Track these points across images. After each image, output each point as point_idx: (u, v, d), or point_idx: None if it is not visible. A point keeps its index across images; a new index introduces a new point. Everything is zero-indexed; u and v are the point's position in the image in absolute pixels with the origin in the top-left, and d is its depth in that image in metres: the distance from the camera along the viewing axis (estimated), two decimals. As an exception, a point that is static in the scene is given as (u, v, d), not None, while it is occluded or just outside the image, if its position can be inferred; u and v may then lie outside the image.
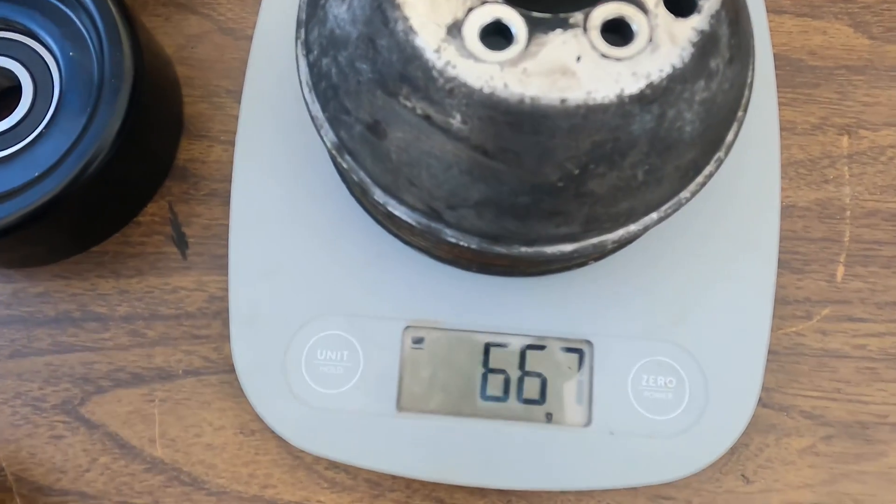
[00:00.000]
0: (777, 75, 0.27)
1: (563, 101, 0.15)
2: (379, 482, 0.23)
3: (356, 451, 0.22)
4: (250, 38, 0.26)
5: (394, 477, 0.23)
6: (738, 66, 0.18)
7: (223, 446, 0.23)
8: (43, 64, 0.23)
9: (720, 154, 0.19)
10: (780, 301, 0.25)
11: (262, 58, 0.25)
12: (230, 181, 0.24)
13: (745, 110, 0.20)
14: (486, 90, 0.15)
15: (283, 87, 0.24)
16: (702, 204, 0.23)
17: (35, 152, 0.22)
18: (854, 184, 0.26)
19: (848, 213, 0.26)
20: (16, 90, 0.24)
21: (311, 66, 0.19)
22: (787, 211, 0.25)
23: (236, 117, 0.25)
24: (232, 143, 0.25)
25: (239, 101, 0.25)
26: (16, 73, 0.23)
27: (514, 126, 0.16)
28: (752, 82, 0.20)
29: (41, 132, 0.22)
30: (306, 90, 0.20)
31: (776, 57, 0.27)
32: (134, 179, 0.24)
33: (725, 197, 0.23)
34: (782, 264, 0.25)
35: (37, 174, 0.22)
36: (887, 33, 0.27)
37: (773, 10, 0.27)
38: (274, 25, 0.25)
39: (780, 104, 0.26)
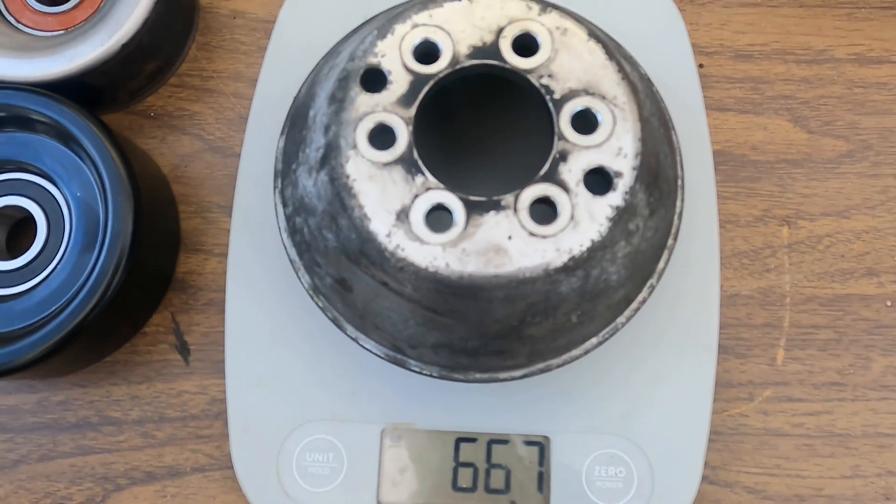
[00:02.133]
0: (721, 170, 0.29)
1: (496, 276, 0.18)
2: (365, 565, 0.26)
3: (343, 542, 0.24)
4: (237, 156, 0.28)
5: (377, 562, 0.25)
6: (661, 212, 0.21)
7: (228, 536, 0.26)
8: (55, 202, 0.26)
9: (652, 281, 0.22)
10: (725, 385, 0.27)
11: (249, 177, 0.27)
12: (224, 291, 0.27)
13: (676, 237, 0.22)
14: (431, 269, 0.18)
15: (268, 206, 0.27)
16: (645, 307, 0.25)
17: (51, 286, 0.25)
18: (794, 272, 0.28)
19: (788, 299, 0.28)
20: (26, 222, 0.27)
21: (287, 218, 0.22)
22: (731, 300, 0.28)
23: (227, 231, 0.28)
24: (225, 256, 0.28)
25: (229, 216, 0.28)
26: (31, 210, 0.26)
27: (457, 295, 0.18)
28: (681, 211, 0.22)
29: (55, 267, 0.25)
30: (285, 236, 0.22)
31: (720, 153, 0.29)
32: (141, 298, 0.27)
33: (668, 297, 0.25)
34: (727, 350, 0.27)
35: (55, 307, 0.24)
36: (824, 127, 0.29)
37: (717, 108, 0.29)
38: (259, 145, 0.27)
39: (724, 198, 0.29)
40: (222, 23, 0.30)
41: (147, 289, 0.27)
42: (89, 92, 0.27)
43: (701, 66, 0.29)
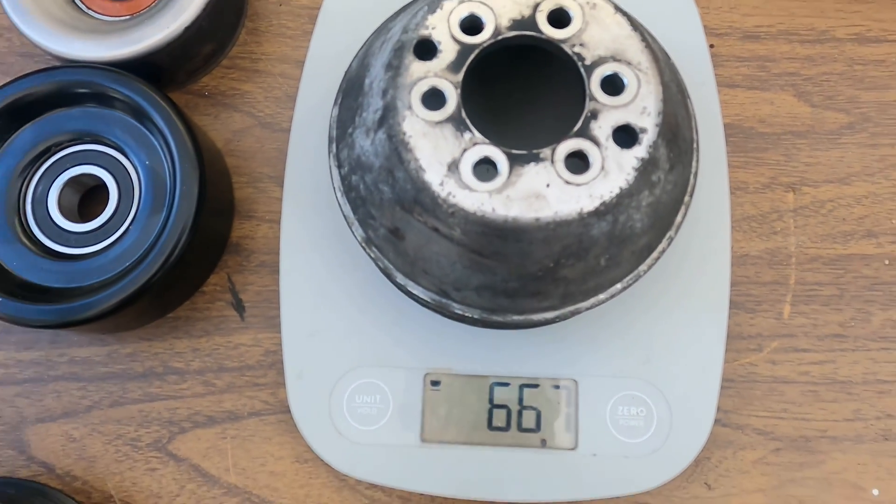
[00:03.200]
0: (731, 142, 0.31)
1: (537, 219, 0.20)
2: (409, 499, 0.28)
3: (389, 475, 0.27)
4: (286, 131, 0.31)
5: (420, 495, 0.28)
6: (679, 169, 0.23)
7: (283, 473, 0.28)
8: (125, 171, 0.28)
9: (671, 233, 0.24)
10: (736, 337, 0.29)
11: (299, 148, 0.30)
12: (276, 253, 0.29)
13: (692, 195, 0.25)
14: (479, 213, 0.20)
15: (317, 174, 0.29)
16: (663, 262, 0.27)
17: (123, 246, 0.27)
18: (798, 234, 0.30)
19: (793, 259, 0.30)
20: (99, 190, 0.29)
21: (342, 178, 0.24)
22: (741, 259, 0.30)
23: (278, 199, 0.31)
24: (275, 222, 0.31)
25: (279, 185, 0.31)
26: (103, 178, 0.28)
27: (501, 237, 0.21)
28: (696, 171, 0.25)
29: (127, 229, 0.28)
30: (339, 194, 0.25)
31: (731, 126, 0.31)
32: (201, 259, 0.29)
33: (684, 256, 0.28)
34: (737, 305, 0.30)
35: (127, 265, 0.27)
36: (826, 101, 0.31)
37: (727, 84, 0.31)
38: (307, 120, 0.30)
39: (734, 167, 0.31)
40: (270, 10, 0.33)
41: (207, 250, 0.29)
42: (153, 71, 0.30)
43: (712, 46, 0.32)
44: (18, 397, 0.29)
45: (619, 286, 0.24)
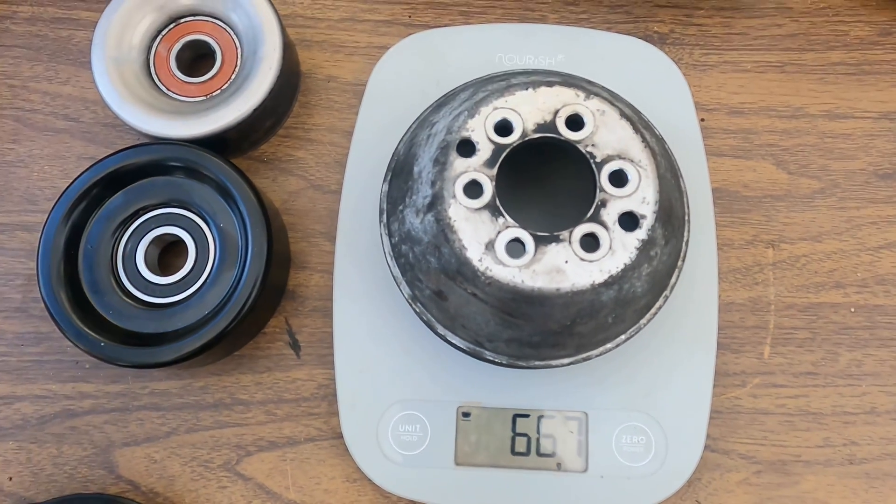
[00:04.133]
0: (719, 204, 0.36)
1: (557, 289, 0.25)
2: (443, 513, 0.33)
3: (428, 493, 0.31)
4: (335, 192, 0.36)
5: (454, 509, 0.32)
6: (673, 242, 0.28)
7: (335, 491, 0.33)
8: (202, 232, 0.33)
9: (666, 293, 0.29)
10: (723, 374, 0.34)
11: (349, 208, 0.34)
12: (327, 300, 0.34)
13: (684, 259, 0.29)
14: (511, 284, 0.25)
15: (364, 232, 0.34)
16: (662, 311, 0.32)
17: (202, 297, 0.32)
18: (777, 285, 0.35)
19: (772, 307, 0.35)
20: (175, 245, 0.34)
21: (392, 245, 0.29)
22: (727, 306, 0.35)
23: (328, 252, 0.35)
24: (326, 272, 0.35)
25: (329, 240, 0.35)
26: (183, 237, 0.33)
27: (528, 302, 0.26)
28: (688, 239, 0.30)
29: (204, 282, 0.32)
30: (389, 259, 0.29)
31: (718, 190, 0.36)
32: (267, 307, 0.34)
33: (678, 305, 0.33)
34: (724, 346, 0.34)
35: (206, 314, 0.32)
36: (801, 169, 0.36)
37: (715, 153, 0.36)
38: (356, 184, 0.34)
39: (721, 226, 0.36)
40: (319, 86, 0.38)
41: (271, 299, 0.34)
42: (224, 144, 0.35)
43: (703, 120, 0.37)
44: (107, 424, 0.34)
45: (623, 337, 0.29)
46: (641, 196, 0.26)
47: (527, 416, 0.32)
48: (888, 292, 0.35)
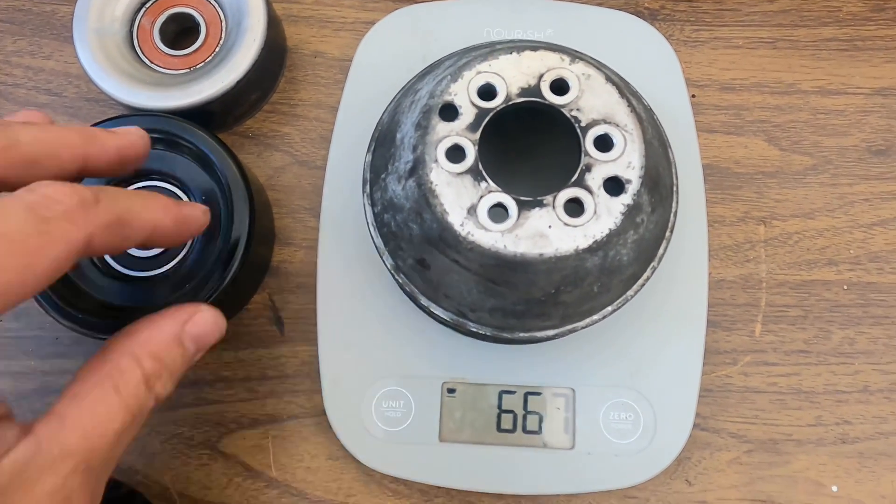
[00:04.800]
0: (710, 180, 0.36)
1: (541, 255, 0.24)
2: (427, 491, 0.32)
3: (411, 470, 0.31)
4: (320, 168, 0.35)
5: (437, 487, 0.32)
6: (660, 210, 0.27)
7: (318, 468, 0.32)
8: None
9: (654, 264, 0.28)
10: (713, 352, 0.33)
11: (333, 183, 0.34)
12: (312, 276, 0.33)
13: (672, 230, 0.29)
14: (493, 249, 0.25)
15: (349, 207, 0.33)
16: (649, 286, 0.32)
17: (183, 271, 0.31)
18: (768, 262, 0.34)
19: (764, 284, 0.34)
20: None
21: (375, 215, 0.29)
22: (717, 284, 0.34)
23: (313, 228, 0.35)
24: (311, 248, 0.35)
25: (314, 216, 0.35)
26: None
27: (511, 268, 0.25)
28: (676, 210, 0.29)
29: (186, 254, 0.32)
30: (372, 229, 0.29)
31: (709, 166, 0.36)
32: (249, 281, 0.33)
33: (669, 282, 0.32)
34: (714, 324, 0.34)
35: (187, 287, 0.31)
36: (793, 145, 0.36)
37: (706, 130, 0.36)
38: (340, 160, 0.34)
39: (712, 203, 0.35)
40: (306, 61, 0.37)
41: (253, 273, 0.34)
42: (207, 117, 0.34)
43: (693, 96, 0.36)
44: (86, 401, 0.33)
45: (609, 308, 0.28)
46: (627, 161, 0.25)
47: (513, 392, 0.31)
48: (881, 269, 0.34)
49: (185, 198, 0.33)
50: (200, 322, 0.24)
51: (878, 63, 0.36)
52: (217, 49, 0.34)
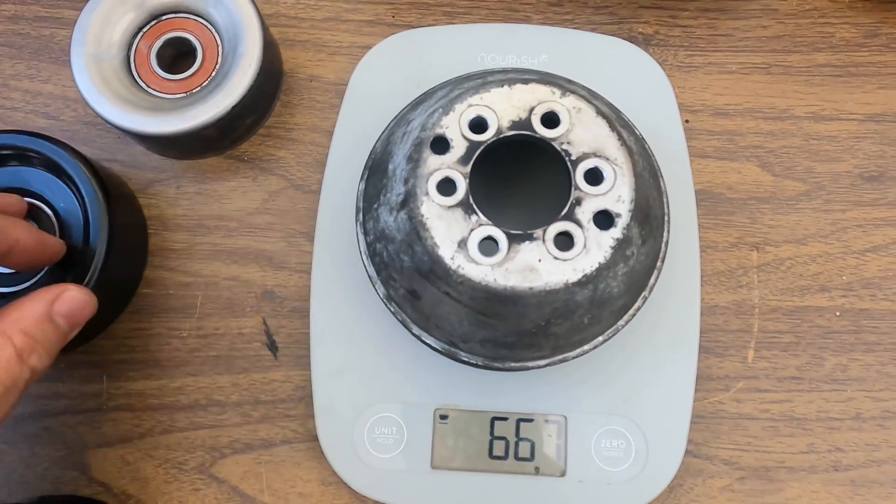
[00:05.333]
0: (703, 206, 0.36)
1: (531, 288, 0.25)
2: (420, 517, 0.32)
3: (403, 497, 0.31)
4: (315, 192, 0.35)
5: (430, 514, 0.32)
6: (651, 242, 0.27)
7: (310, 494, 0.32)
8: (47, 216, 0.32)
9: (645, 293, 0.29)
10: (706, 378, 0.33)
11: (328, 208, 0.34)
12: (306, 300, 0.34)
13: (664, 260, 0.29)
14: (483, 283, 0.25)
15: (343, 233, 0.34)
16: (641, 312, 0.32)
17: (45, 281, 0.31)
18: (761, 288, 0.34)
19: (756, 310, 0.34)
20: None
21: (368, 244, 0.29)
22: (710, 310, 0.34)
23: (308, 252, 0.35)
24: (305, 272, 0.35)
25: (309, 241, 0.35)
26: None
27: (502, 302, 0.25)
28: (667, 240, 0.29)
29: (43, 273, 0.32)
30: (364, 258, 0.29)
31: (702, 192, 0.36)
32: (112, 290, 0.33)
33: (661, 308, 0.32)
34: (707, 350, 0.34)
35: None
36: (786, 171, 0.36)
37: (699, 155, 0.36)
38: (335, 184, 0.34)
39: (705, 228, 0.35)
40: (302, 85, 0.37)
41: (125, 267, 0.34)
42: (203, 140, 0.34)
43: (687, 121, 0.36)
44: (80, 425, 0.33)
45: (600, 339, 0.28)
46: (617, 194, 0.25)
47: (505, 419, 0.31)
48: (874, 296, 0.34)
49: (45, 208, 0.33)
50: (68, 299, 0.27)
51: (871, 89, 0.36)
52: (213, 73, 0.35)
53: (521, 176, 0.31)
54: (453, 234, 0.25)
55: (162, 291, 0.35)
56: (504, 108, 0.26)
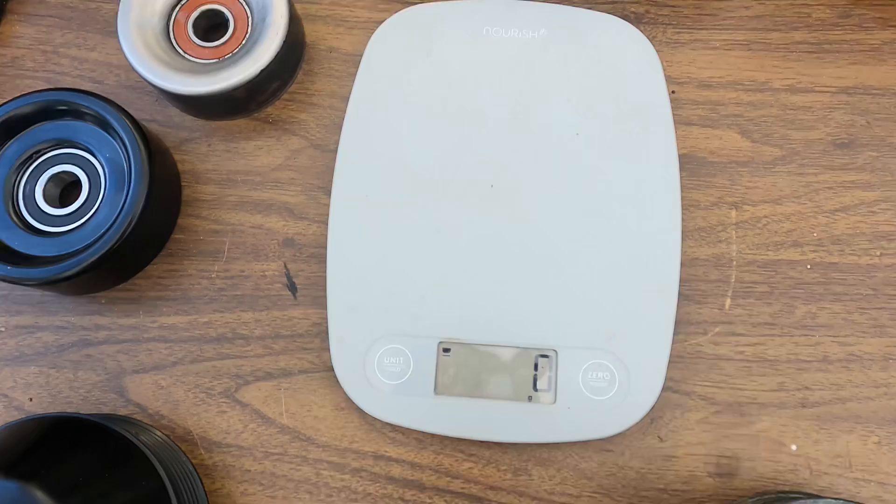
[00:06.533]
0: (687, 168, 0.39)
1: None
2: (423, 439, 0.35)
3: (409, 419, 0.34)
4: (333, 151, 0.39)
5: (433, 435, 0.35)
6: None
7: (325, 417, 0.36)
8: (93, 166, 0.36)
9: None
10: (685, 322, 0.36)
11: (344, 164, 0.38)
12: (322, 247, 0.37)
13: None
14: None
15: (357, 186, 0.37)
16: (628, 262, 0.35)
17: (97, 220, 0.35)
18: (739, 243, 0.38)
19: (734, 262, 0.37)
20: (75, 185, 0.37)
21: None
22: (692, 262, 0.37)
23: (325, 205, 0.38)
24: (322, 223, 0.38)
25: (326, 194, 0.38)
26: (76, 173, 0.37)
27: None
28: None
29: (98, 207, 0.36)
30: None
31: (686, 156, 0.39)
32: (158, 221, 0.37)
33: (644, 257, 0.35)
34: (688, 298, 0.37)
35: (100, 233, 0.35)
36: (764, 138, 0.39)
37: (684, 123, 0.39)
38: (352, 144, 0.38)
39: (688, 188, 0.39)
40: (322, 55, 0.41)
41: (162, 213, 0.37)
42: (232, 102, 0.38)
43: (673, 92, 0.40)
44: (119, 353, 0.37)
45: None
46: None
47: (502, 352, 0.35)
48: (842, 251, 0.37)
49: (92, 159, 0.36)
50: None
51: (844, 64, 0.39)
52: (244, 42, 0.38)
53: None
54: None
55: (193, 237, 0.39)
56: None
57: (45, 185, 0.37)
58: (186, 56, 0.38)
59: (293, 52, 0.39)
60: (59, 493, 0.28)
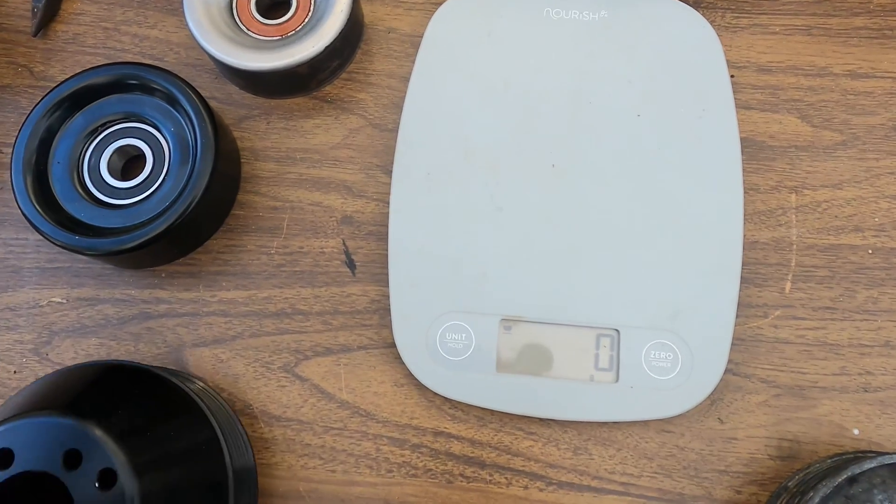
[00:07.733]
0: (747, 152, 0.39)
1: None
2: (483, 416, 0.35)
3: (470, 396, 0.34)
4: (391, 131, 0.39)
5: (493, 412, 0.35)
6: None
7: (384, 393, 0.36)
8: (157, 140, 0.37)
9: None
10: (747, 305, 0.36)
11: (405, 144, 0.38)
12: (381, 225, 0.37)
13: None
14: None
15: (419, 167, 0.37)
16: (690, 244, 0.35)
17: (161, 194, 0.36)
18: (799, 227, 0.37)
19: (794, 246, 0.37)
20: (138, 159, 0.38)
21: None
22: (752, 245, 0.37)
23: (384, 183, 0.39)
24: (381, 201, 0.39)
25: (384, 173, 0.39)
26: (141, 147, 0.37)
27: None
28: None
29: (162, 180, 0.36)
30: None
31: (747, 140, 0.39)
32: (222, 194, 0.37)
33: (707, 240, 0.35)
34: (749, 281, 0.37)
35: (165, 206, 0.35)
36: (824, 122, 0.39)
37: (744, 107, 0.39)
38: (412, 122, 0.38)
39: (749, 172, 0.39)
40: (381, 36, 0.41)
41: (225, 187, 0.37)
42: (294, 79, 0.38)
43: (733, 76, 0.39)
44: (179, 327, 0.37)
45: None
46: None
47: (564, 331, 0.35)
48: (904, 237, 0.37)
49: (156, 133, 0.37)
50: None
51: (905, 50, 0.39)
52: (306, 20, 0.39)
53: None
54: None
55: (252, 213, 0.39)
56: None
57: (110, 158, 0.37)
58: (250, 33, 0.39)
59: (353, 31, 0.40)
60: (115, 433, 0.28)
